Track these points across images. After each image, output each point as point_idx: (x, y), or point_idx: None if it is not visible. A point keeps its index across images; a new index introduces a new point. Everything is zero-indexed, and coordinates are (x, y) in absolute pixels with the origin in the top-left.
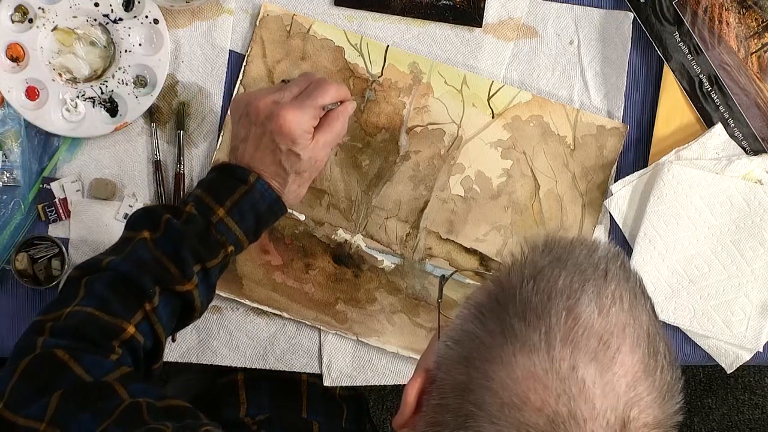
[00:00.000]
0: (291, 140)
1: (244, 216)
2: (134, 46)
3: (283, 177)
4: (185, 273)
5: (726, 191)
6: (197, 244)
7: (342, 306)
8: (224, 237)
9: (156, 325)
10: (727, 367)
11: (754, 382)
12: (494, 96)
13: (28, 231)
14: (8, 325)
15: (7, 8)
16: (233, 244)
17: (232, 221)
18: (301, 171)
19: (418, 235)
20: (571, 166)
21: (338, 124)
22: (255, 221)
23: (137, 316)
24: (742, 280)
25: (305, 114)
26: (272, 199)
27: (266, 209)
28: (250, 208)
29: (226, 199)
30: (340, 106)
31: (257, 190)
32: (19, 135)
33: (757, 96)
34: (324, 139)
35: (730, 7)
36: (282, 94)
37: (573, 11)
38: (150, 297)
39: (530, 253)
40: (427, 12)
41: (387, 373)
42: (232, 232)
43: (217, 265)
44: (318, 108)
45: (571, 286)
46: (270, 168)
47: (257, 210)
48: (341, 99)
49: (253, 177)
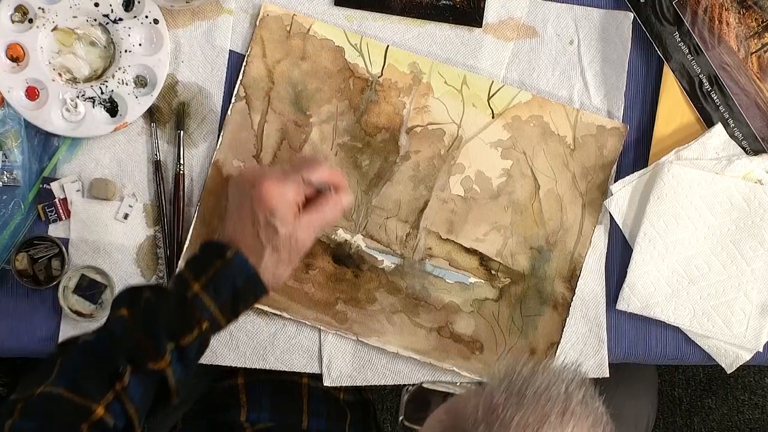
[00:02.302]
0: (269, 210)
1: (220, 291)
2: (134, 46)
3: (260, 251)
4: (158, 349)
5: (726, 191)
6: (171, 320)
7: (342, 306)
8: (199, 312)
9: (127, 405)
10: (727, 367)
11: (754, 382)
12: (494, 96)
13: (28, 231)
14: (8, 325)
15: (7, 8)
16: (208, 320)
17: (207, 296)
18: (279, 247)
19: (418, 235)
20: (571, 166)
21: (328, 210)
22: (231, 297)
23: (108, 396)
24: (742, 280)
25: (287, 185)
26: (249, 274)
27: (243, 285)
28: (226, 282)
29: (202, 274)
30: (335, 194)
31: (235, 264)
32: (19, 135)
33: (757, 96)
34: (308, 218)
35: (730, 7)
36: (274, 168)
37: (573, 11)
38: (120, 375)
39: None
40: (427, 12)
41: (387, 373)
42: (207, 307)
43: (193, 343)
44: (302, 182)
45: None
46: (247, 239)
47: (234, 285)
48: (335, 184)
49: (231, 252)
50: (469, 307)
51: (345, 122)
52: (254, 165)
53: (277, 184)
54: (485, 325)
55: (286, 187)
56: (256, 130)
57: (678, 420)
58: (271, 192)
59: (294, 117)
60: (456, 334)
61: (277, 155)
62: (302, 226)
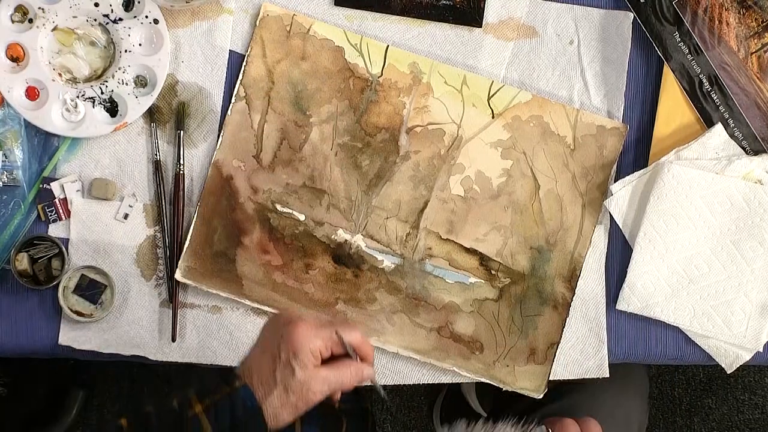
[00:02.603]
0: (294, 350)
1: (219, 419)
2: (134, 46)
3: (271, 386)
4: None
5: (726, 191)
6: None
7: (342, 306)
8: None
9: None
10: (727, 367)
11: (754, 382)
12: (494, 96)
13: (28, 231)
14: (8, 326)
15: (7, 8)
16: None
17: (206, 421)
18: (289, 389)
19: (418, 235)
20: (571, 166)
21: (347, 373)
22: (230, 427)
23: None
24: (742, 280)
25: (318, 334)
26: (253, 408)
27: (244, 416)
28: (227, 411)
29: (206, 397)
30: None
31: (240, 395)
32: (19, 135)
33: (757, 96)
34: (326, 374)
35: (730, 7)
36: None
37: (573, 11)
38: None
39: None
40: (427, 12)
41: (387, 373)
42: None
43: None
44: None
45: None
46: (263, 372)
47: (234, 415)
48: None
49: (239, 382)
50: (469, 307)
51: (345, 122)
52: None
53: (309, 329)
54: (485, 325)
55: (318, 334)
56: (256, 130)
57: (678, 420)
58: (302, 334)
59: (294, 117)
60: (456, 334)
61: (277, 155)
62: (318, 377)
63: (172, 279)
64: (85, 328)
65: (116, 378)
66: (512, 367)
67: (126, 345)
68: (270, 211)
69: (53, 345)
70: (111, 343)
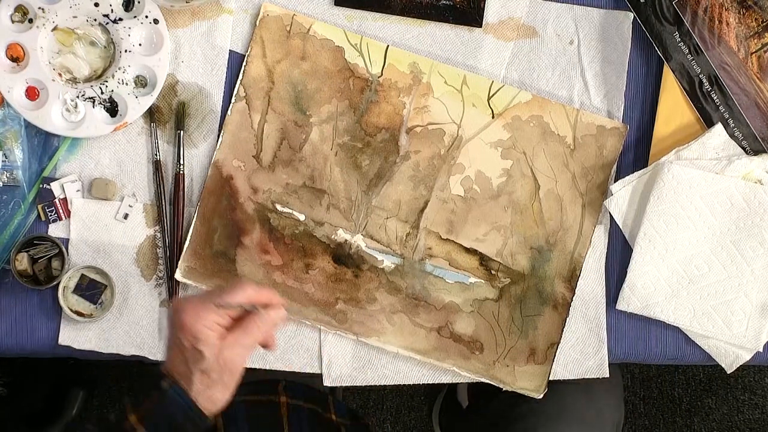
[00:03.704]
0: (191, 335)
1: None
2: (134, 46)
3: (189, 376)
4: None
5: (726, 191)
6: None
7: (342, 306)
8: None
9: None
10: (727, 367)
11: (754, 382)
12: (494, 96)
13: (28, 231)
14: (8, 326)
15: (7, 8)
16: None
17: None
18: (207, 371)
19: (418, 235)
20: (571, 166)
21: (253, 327)
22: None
23: None
24: (742, 280)
25: (206, 309)
26: (187, 405)
27: (182, 417)
28: (163, 416)
29: (140, 405)
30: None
31: (170, 396)
32: (19, 135)
33: (757, 96)
34: (234, 338)
35: (730, 7)
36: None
37: (573, 11)
38: None
39: None
40: (427, 12)
41: (387, 373)
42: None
43: None
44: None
45: None
46: (179, 367)
47: (172, 419)
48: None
49: (167, 383)
50: (469, 307)
51: (345, 122)
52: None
53: (195, 310)
54: (485, 325)
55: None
56: (256, 130)
57: (678, 420)
58: (191, 317)
59: (294, 117)
60: (456, 334)
61: (277, 155)
62: (228, 345)
63: (172, 279)
64: (85, 328)
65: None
66: (512, 367)
67: (126, 345)
68: (270, 211)
69: (53, 345)
70: (111, 343)
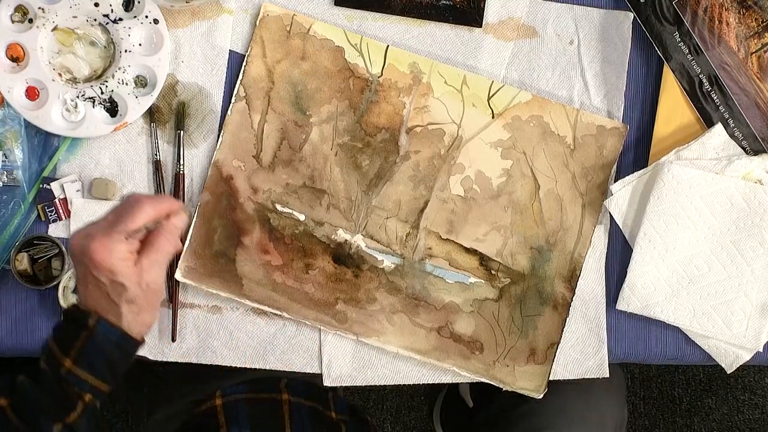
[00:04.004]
0: (108, 271)
1: (93, 364)
2: (134, 46)
3: (116, 309)
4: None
5: (726, 191)
6: (50, 403)
7: (342, 306)
8: (77, 388)
9: None
10: (727, 367)
11: (754, 382)
12: (494, 96)
13: (28, 231)
14: (8, 326)
15: (7, 8)
16: (90, 392)
17: (82, 371)
18: (133, 299)
19: (418, 235)
20: (571, 166)
21: (162, 242)
22: (106, 365)
23: None
24: (742, 280)
25: (114, 242)
26: (117, 337)
27: (115, 349)
28: (96, 353)
29: (70, 349)
30: (164, 222)
31: (99, 332)
32: (19, 135)
33: (757, 96)
34: (148, 260)
35: (730, 7)
36: (96, 226)
37: (573, 11)
38: None
39: None
40: (427, 12)
41: (387, 373)
42: (85, 381)
43: (81, 418)
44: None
45: None
46: (101, 303)
47: (105, 353)
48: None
49: (92, 319)
50: (469, 307)
51: (345, 122)
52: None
53: (105, 245)
54: (485, 325)
55: (114, 245)
56: (256, 130)
57: (678, 420)
58: (101, 254)
59: (294, 117)
60: (456, 334)
61: (277, 155)
62: (145, 269)
63: (172, 279)
64: None
65: None
66: (512, 367)
67: None
68: (270, 211)
69: None
70: None
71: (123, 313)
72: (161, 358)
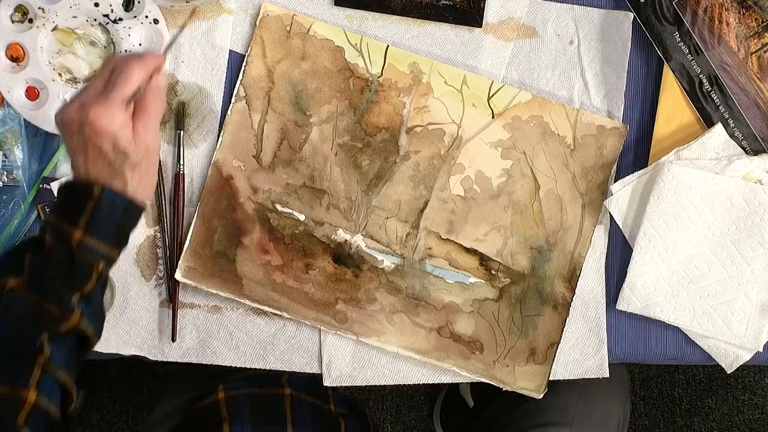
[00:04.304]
0: (111, 139)
1: (103, 230)
2: (134, 46)
3: (121, 176)
4: (65, 309)
5: (726, 191)
6: (67, 275)
7: (342, 306)
8: (91, 257)
9: (57, 374)
10: (727, 367)
11: (754, 382)
12: (494, 96)
13: (28, 231)
14: None
15: (7, 8)
16: (103, 260)
17: (93, 239)
18: (136, 164)
19: (418, 235)
20: (571, 166)
21: (151, 103)
22: (116, 230)
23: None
24: (742, 280)
25: (114, 109)
26: (124, 203)
27: (122, 215)
28: (106, 220)
29: (79, 219)
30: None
31: (106, 200)
32: (19, 135)
33: (757, 96)
34: (143, 124)
35: (730, 7)
36: (88, 95)
37: (573, 11)
38: (40, 349)
39: None
40: (427, 12)
41: (387, 373)
42: (98, 250)
43: (96, 288)
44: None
45: None
46: (105, 171)
47: (114, 219)
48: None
49: (97, 188)
50: (469, 307)
51: (345, 122)
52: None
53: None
54: (485, 325)
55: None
56: (256, 130)
57: (678, 420)
58: (103, 123)
59: (294, 117)
60: (456, 334)
61: (277, 155)
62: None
63: (172, 279)
64: None
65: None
66: (512, 367)
67: (126, 345)
68: (270, 211)
69: None
70: (111, 342)
71: (128, 179)
72: (161, 358)
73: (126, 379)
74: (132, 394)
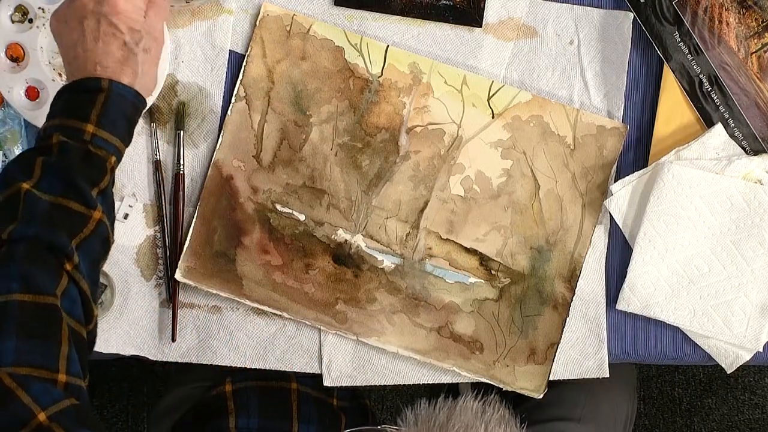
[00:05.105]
0: (129, 17)
1: (115, 123)
2: None
3: (134, 60)
4: (89, 204)
5: (726, 191)
6: (85, 169)
7: (342, 306)
8: (104, 150)
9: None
10: (727, 367)
11: (754, 382)
12: (494, 96)
13: None
14: None
15: (7, 8)
16: (114, 154)
17: (106, 132)
18: (148, 48)
19: (418, 235)
20: (571, 166)
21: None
22: (126, 124)
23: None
24: (742, 280)
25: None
26: (132, 95)
27: (131, 107)
28: (116, 112)
29: (90, 114)
30: None
31: (115, 91)
32: (19, 135)
33: (757, 96)
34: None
35: (730, 7)
36: None
37: (573, 11)
38: (69, 256)
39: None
40: (427, 12)
41: (387, 373)
42: (110, 142)
43: (109, 183)
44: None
45: None
46: (117, 54)
47: (124, 111)
48: None
49: (105, 82)
50: (469, 307)
51: (345, 122)
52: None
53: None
54: (485, 325)
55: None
56: (256, 130)
57: (678, 420)
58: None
59: (294, 117)
60: (456, 334)
61: (277, 155)
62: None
63: (172, 279)
64: None
65: (116, 378)
66: (512, 367)
67: (126, 345)
68: (270, 211)
69: None
70: (111, 342)
71: (139, 62)
72: (161, 358)
73: (126, 379)
74: (132, 394)
